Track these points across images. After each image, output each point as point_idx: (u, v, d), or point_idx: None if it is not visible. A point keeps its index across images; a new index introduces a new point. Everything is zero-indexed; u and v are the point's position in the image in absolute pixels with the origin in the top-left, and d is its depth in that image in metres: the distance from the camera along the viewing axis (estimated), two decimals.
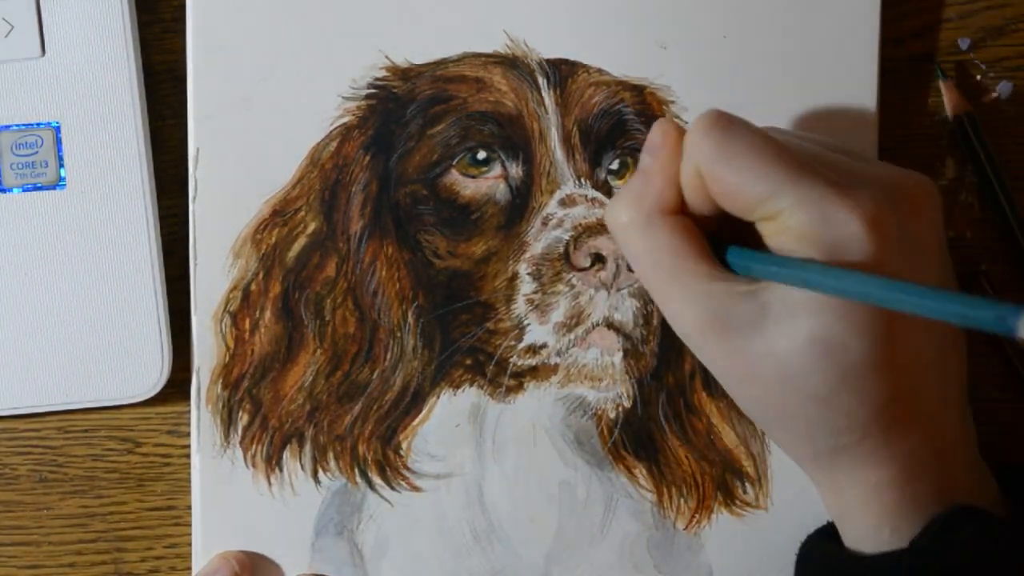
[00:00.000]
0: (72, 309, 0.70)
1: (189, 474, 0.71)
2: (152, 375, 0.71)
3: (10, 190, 0.70)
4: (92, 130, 0.70)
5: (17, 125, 0.70)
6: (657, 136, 0.63)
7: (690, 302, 0.61)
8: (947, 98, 0.72)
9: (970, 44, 0.73)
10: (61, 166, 0.70)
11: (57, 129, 0.70)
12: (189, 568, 0.71)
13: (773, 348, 0.59)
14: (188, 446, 0.72)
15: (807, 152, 0.61)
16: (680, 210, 0.62)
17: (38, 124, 0.70)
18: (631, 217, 0.62)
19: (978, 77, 0.73)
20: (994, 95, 0.73)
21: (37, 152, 0.70)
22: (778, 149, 0.59)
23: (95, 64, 0.70)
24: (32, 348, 0.70)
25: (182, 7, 0.71)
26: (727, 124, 0.60)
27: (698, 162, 0.60)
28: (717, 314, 0.60)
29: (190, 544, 0.71)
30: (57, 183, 0.70)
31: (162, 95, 0.72)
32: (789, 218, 0.59)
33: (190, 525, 0.71)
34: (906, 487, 0.61)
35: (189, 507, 0.71)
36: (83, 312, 0.70)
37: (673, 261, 0.61)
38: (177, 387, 0.71)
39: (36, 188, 0.70)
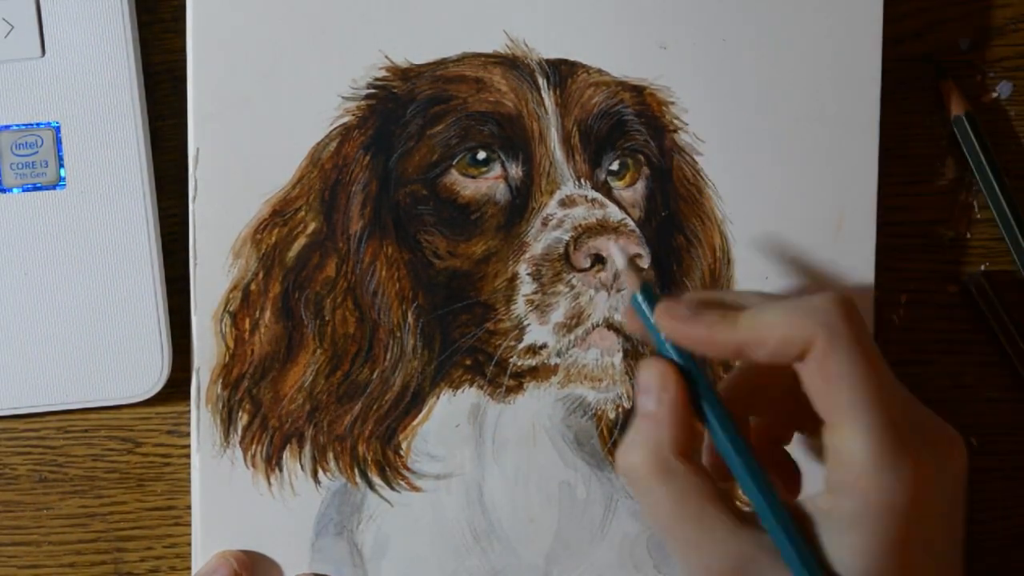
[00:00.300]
0: (72, 309, 0.70)
1: (189, 474, 0.71)
2: (152, 375, 0.71)
3: (10, 190, 0.70)
4: (92, 130, 0.70)
5: (17, 125, 0.70)
6: (654, 379, 0.59)
7: (717, 552, 0.57)
8: (947, 98, 0.72)
9: (970, 44, 0.73)
10: (61, 166, 0.70)
11: (57, 129, 0.70)
12: (189, 568, 0.71)
13: None
14: (188, 446, 0.72)
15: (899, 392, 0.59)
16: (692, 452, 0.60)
17: (38, 124, 0.70)
18: (648, 466, 0.58)
19: (978, 77, 0.73)
20: (994, 95, 0.73)
21: (37, 152, 0.70)
22: (888, 370, 0.58)
23: (95, 64, 0.70)
24: (32, 348, 0.70)
25: (182, 7, 0.71)
26: (861, 318, 0.58)
27: (824, 335, 0.57)
28: (741, 563, 0.57)
29: (190, 544, 0.71)
30: (57, 183, 0.70)
31: (162, 95, 0.72)
32: (862, 444, 0.56)
33: (190, 525, 0.71)
34: None
35: (189, 507, 0.72)
36: (83, 312, 0.70)
37: (700, 508, 0.58)
38: (177, 387, 0.71)
39: (36, 188, 0.70)
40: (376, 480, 0.71)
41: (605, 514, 0.71)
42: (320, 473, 0.71)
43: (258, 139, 0.70)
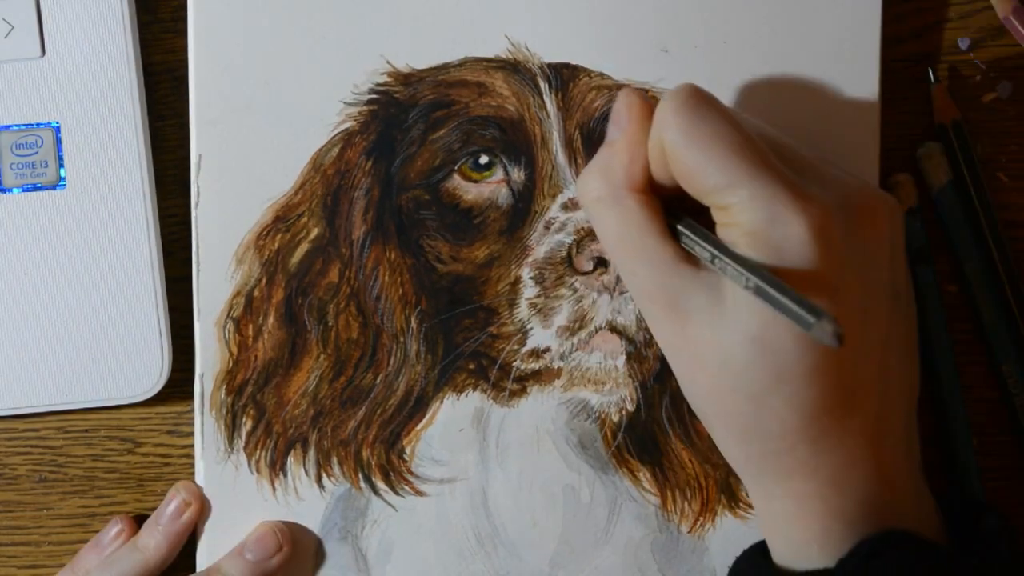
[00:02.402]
0: (72, 309, 0.70)
1: (189, 474, 0.71)
2: (152, 375, 0.71)
3: (10, 190, 0.70)
4: (92, 130, 0.70)
5: (17, 125, 0.70)
6: (623, 108, 0.63)
7: (652, 281, 0.61)
8: (935, 103, 0.72)
9: (970, 44, 0.73)
10: (61, 166, 0.70)
11: (57, 129, 0.70)
12: (189, 568, 0.71)
13: (719, 339, 0.59)
14: (188, 446, 0.72)
15: (774, 146, 0.61)
16: (647, 186, 0.62)
17: (38, 124, 0.70)
18: (600, 191, 0.62)
19: (978, 77, 0.73)
20: (994, 95, 0.73)
21: (37, 152, 0.70)
22: (743, 139, 0.59)
23: (95, 64, 0.70)
24: (32, 348, 0.70)
25: (182, 7, 0.71)
26: (698, 104, 0.60)
27: (663, 139, 0.60)
28: (675, 296, 0.60)
29: (189, 543, 0.71)
30: (57, 183, 0.70)
31: (162, 95, 0.72)
32: (739, 213, 0.59)
33: None
34: (833, 502, 0.60)
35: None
36: (83, 312, 0.70)
37: (641, 239, 0.61)
38: (177, 387, 0.72)
39: (36, 188, 0.70)
40: (380, 485, 0.71)
41: (609, 517, 0.71)
42: (324, 478, 0.71)
43: (260, 145, 0.70)
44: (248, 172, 0.70)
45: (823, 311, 0.54)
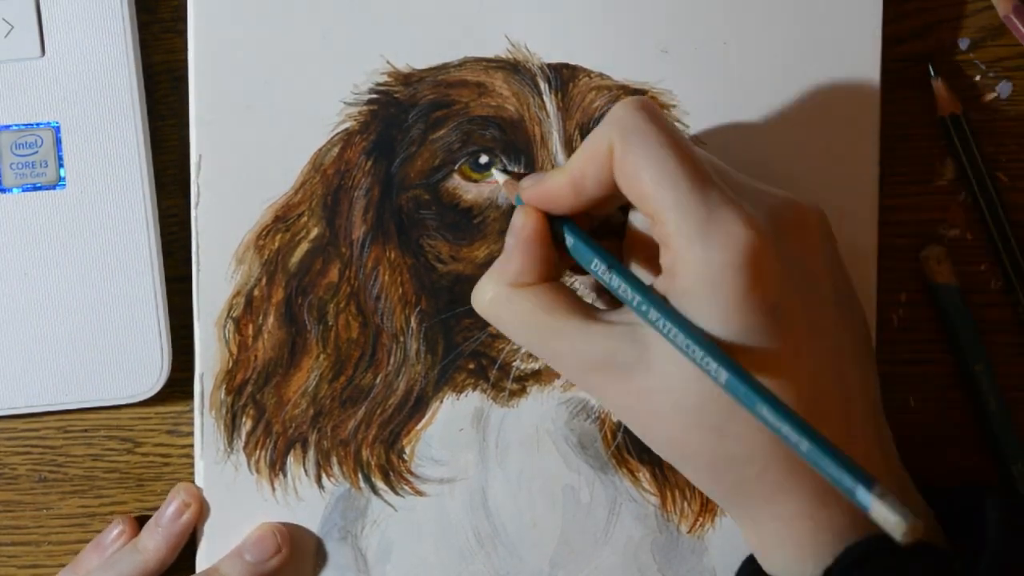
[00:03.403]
0: (72, 309, 0.70)
1: (189, 474, 0.71)
2: (152, 375, 0.71)
3: (10, 190, 0.70)
4: (92, 130, 0.70)
5: (17, 125, 0.70)
6: (518, 219, 0.63)
7: (575, 351, 0.61)
8: (937, 97, 0.72)
9: (970, 44, 0.73)
10: (61, 166, 0.70)
11: (57, 129, 0.70)
12: (189, 568, 0.71)
13: (664, 383, 0.59)
14: (188, 446, 0.72)
15: (710, 164, 0.61)
16: (546, 277, 0.63)
17: (38, 124, 0.70)
18: (494, 293, 0.63)
19: (978, 77, 0.73)
20: (994, 95, 0.73)
21: (37, 152, 0.70)
22: (692, 150, 0.60)
23: (95, 64, 0.70)
24: (32, 348, 0.70)
25: (182, 7, 0.71)
26: (653, 109, 0.60)
27: (615, 135, 0.60)
28: (603, 358, 0.60)
29: (189, 543, 0.71)
30: (57, 183, 0.70)
31: (162, 95, 0.72)
32: (675, 224, 0.58)
33: None
34: (820, 516, 0.60)
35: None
36: (83, 312, 0.70)
37: (547, 319, 0.61)
38: (177, 387, 0.72)
39: (36, 188, 0.70)
40: (380, 485, 0.71)
41: (609, 517, 0.71)
42: (324, 478, 0.71)
43: (260, 145, 0.70)
44: (248, 172, 0.70)
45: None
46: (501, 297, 0.62)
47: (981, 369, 0.72)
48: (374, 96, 0.70)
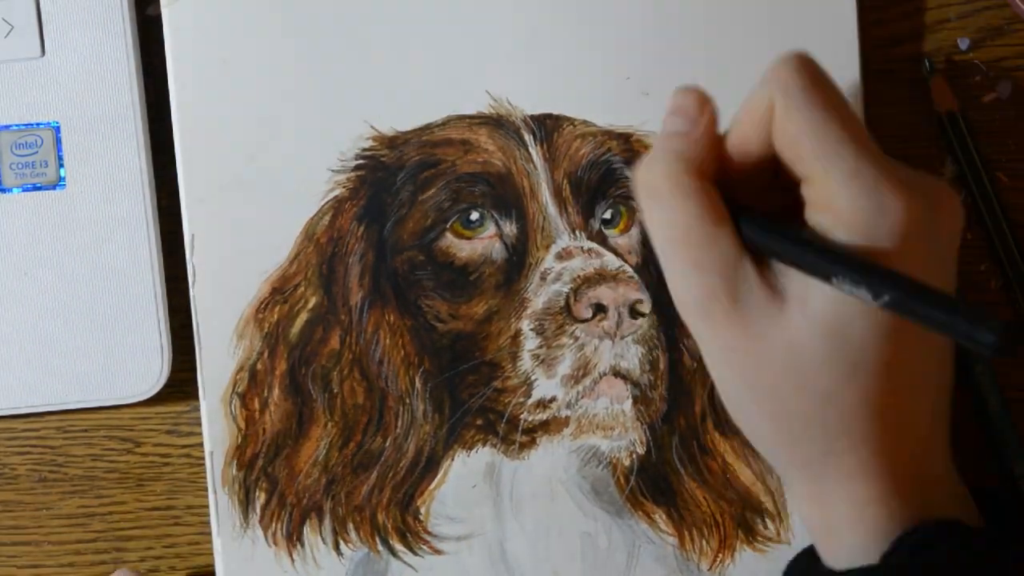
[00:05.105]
0: (72, 309, 0.71)
1: (189, 473, 0.72)
2: (152, 375, 0.71)
3: (10, 190, 0.70)
4: (92, 130, 0.70)
5: (17, 125, 0.70)
6: (691, 101, 0.59)
7: (716, 274, 0.57)
8: (934, 94, 0.72)
9: (970, 44, 0.73)
10: (61, 166, 0.70)
11: (57, 129, 0.70)
12: (188, 568, 0.72)
13: (788, 337, 0.57)
14: (188, 446, 0.72)
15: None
16: (715, 179, 0.59)
17: (38, 124, 0.70)
18: (666, 181, 0.58)
19: (978, 77, 0.73)
20: (994, 95, 0.73)
21: (37, 152, 0.70)
22: (855, 115, 0.57)
23: (95, 64, 0.70)
24: (32, 348, 0.71)
25: None
26: (816, 69, 0.57)
27: (776, 98, 0.57)
28: (738, 292, 0.57)
29: (189, 543, 0.72)
30: (57, 183, 0.70)
31: (162, 95, 0.72)
32: (839, 187, 0.56)
33: (189, 525, 0.72)
34: (892, 504, 0.58)
35: (188, 507, 0.72)
36: (83, 312, 0.71)
37: (710, 228, 0.57)
38: (177, 387, 0.72)
39: (36, 188, 0.70)
40: (398, 547, 0.71)
41: (629, 561, 0.71)
42: (342, 545, 0.71)
43: (252, 219, 0.70)
44: (242, 247, 0.70)
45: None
46: (674, 188, 0.58)
47: (981, 369, 0.72)
48: (361, 162, 0.70)
